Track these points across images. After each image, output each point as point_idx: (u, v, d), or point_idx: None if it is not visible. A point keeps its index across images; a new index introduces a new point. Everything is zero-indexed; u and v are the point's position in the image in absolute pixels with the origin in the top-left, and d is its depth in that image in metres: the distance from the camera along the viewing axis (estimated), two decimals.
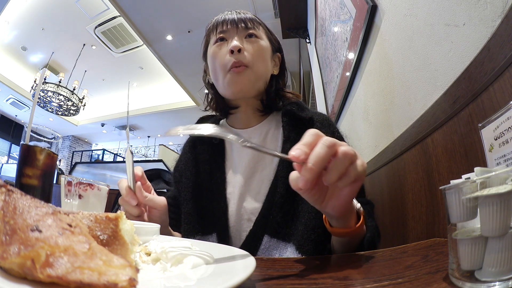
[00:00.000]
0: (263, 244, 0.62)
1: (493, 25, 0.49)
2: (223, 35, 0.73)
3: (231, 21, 0.72)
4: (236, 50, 0.68)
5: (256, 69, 0.71)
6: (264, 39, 0.75)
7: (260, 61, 0.72)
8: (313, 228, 0.58)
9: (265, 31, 0.77)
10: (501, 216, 0.23)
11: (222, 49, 0.72)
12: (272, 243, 0.62)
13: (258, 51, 0.72)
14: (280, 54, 0.82)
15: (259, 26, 0.75)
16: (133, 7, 4.82)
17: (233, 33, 0.72)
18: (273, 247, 0.61)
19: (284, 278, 0.34)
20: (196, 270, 0.29)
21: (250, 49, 0.71)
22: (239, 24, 0.72)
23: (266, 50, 0.75)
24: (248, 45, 0.71)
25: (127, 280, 0.18)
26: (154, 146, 11.16)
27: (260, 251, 0.62)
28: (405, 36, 0.82)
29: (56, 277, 0.17)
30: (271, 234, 0.62)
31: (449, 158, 0.60)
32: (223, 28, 0.72)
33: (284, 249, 0.61)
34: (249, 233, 0.64)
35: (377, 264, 0.39)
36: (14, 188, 0.23)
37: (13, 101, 8.18)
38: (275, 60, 0.80)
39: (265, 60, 0.74)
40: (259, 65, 0.72)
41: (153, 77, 7.47)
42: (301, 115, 0.71)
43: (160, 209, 0.62)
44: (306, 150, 0.35)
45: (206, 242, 0.46)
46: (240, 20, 0.72)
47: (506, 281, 0.22)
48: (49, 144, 0.65)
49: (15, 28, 5.79)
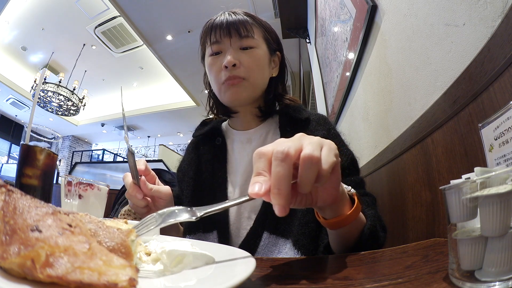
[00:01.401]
0: (262, 240, 0.63)
1: (493, 25, 0.49)
2: (217, 47, 0.71)
3: (224, 29, 0.70)
4: (230, 66, 0.68)
5: (253, 80, 0.70)
6: (260, 46, 0.73)
7: (256, 72, 0.71)
8: (307, 222, 0.59)
9: (261, 32, 0.74)
10: (501, 216, 0.23)
11: (217, 63, 0.71)
12: (272, 240, 0.63)
13: (254, 62, 0.70)
14: (279, 53, 0.80)
15: (254, 29, 0.72)
16: (133, 7, 4.82)
17: (227, 44, 0.70)
18: (272, 243, 0.63)
19: (284, 278, 0.34)
20: (196, 270, 0.29)
21: (246, 61, 0.69)
22: (232, 33, 0.69)
23: (263, 58, 0.73)
24: (244, 56, 0.70)
25: (127, 280, 0.18)
26: (154, 146, 11.16)
27: (260, 248, 0.63)
28: (405, 36, 0.82)
29: (56, 277, 0.17)
30: (271, 231, 0.63)
31: (449, 158, 0.60)
32: (216, 38, 0.70)
33: (283, 245, 0.62)
34: (249, 230, 0.65)
35: (377, 264, 0.39)
36: (14, 188, 0.23)
37: (13, 101, 8.19)
38: (275, 60, 0.79)
39: (262, 69, 0.72)
40: (256, 76, 0.71)
41: (153, 77, 7.47)
42: (297, 116, 0.71)
43: (166, 198, 0.62)
44: (264, 178, 0.32)
45: (206, 242, 0.46)
46: (233, 25, 0.69)
47: (506, 281, 0.22)
48: (49, 144, 0.65)
49: (15, 28, 5.79)
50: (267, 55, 0.75)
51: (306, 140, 0.34)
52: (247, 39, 0.70)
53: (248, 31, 0.70)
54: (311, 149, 0.32)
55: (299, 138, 0.35)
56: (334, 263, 0.46)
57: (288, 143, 0.33)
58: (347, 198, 0.44)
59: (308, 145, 0.33)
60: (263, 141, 0.75)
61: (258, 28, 0.74)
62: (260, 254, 0.62)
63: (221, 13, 0.74)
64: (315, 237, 0.58)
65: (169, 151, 7.66)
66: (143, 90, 8.08)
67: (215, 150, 0.77)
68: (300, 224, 0.60)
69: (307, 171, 0.32)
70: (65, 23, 5.65)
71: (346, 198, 0.44)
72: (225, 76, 0.69)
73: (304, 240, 0.58)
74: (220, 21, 0.71)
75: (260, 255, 0.62)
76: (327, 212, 0.43)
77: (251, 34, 0.70)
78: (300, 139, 0.34)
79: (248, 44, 0.70)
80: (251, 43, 0.71)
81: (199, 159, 0.78)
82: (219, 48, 0.71)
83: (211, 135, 0.80)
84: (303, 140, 0.34)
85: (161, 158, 5.22)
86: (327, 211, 0.42)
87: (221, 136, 0.79)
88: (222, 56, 0.71)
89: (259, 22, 0.75)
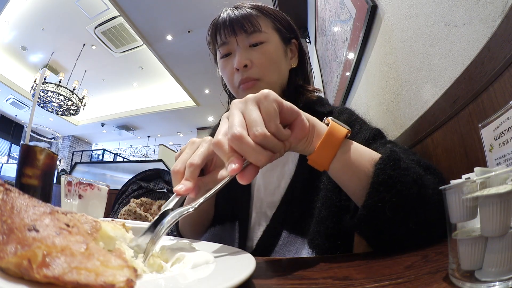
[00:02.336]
0: (281, 240, 0.60)
1: (493, 25, 0.49)
2: (225, 48, 0.67)
3: (228, 27, 0.66)
4: (241, 68, 0.64)
5: (268, 79, 0.66)
6: (270, 39, 0.67)
7: (271, 70, 0.66)
8: (322, 220, 0.55)
9: (270, 23, 0.68)
10: (501, 216, 0.23)
11: (228, 65, 0.68)
12: (291, 239, 0.59)
13: (267, 59, 0.65)
14: (296, 40, 0.73)
15: (261, 21, 0.66)
16: (133, 7, 4.82)
17: (234, 44, 0.66)
18: (291, 243, 0.59)
19: (284, 278, 0.34)
20: (196, 270, 0.29)
21: (257, 59, 0.65)
22: (237, 30, 0.65)
23: (276, 52, 0.67)
24: (254, 54, 0.65)
25: (125, 281, 0.18)
26: (154, 146, 11.15)
27: (278, 247, 0.60)
28: (405, 36, 0.82)
29: (53, 277, 0.17)
30: (289, 230, 0.60)
31: (449, 158, 0.60)
32: (222, 39, 0.67)
33: (302, 245, 0.58)
34: (267, 227, 0.62)
35: (377, 264, 0.39)
36: (12, 187, 0.23)
37: (13, 101, 8.18)
38: (292, 49, 0.73)
39: (277, 64, 0.67)
40: (271, 74, 0.66)
41: (153, 77, 7.47)
42: (320, 110, 0.67)
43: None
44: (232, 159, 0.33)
45: (206, 242, 0.45)
46: (237, 22, 0.65)
47: (506, 281, 0.22)
48: (49, 144, 0.65)
49: (15, 28, 5.79)
50: (281, 46, 0.69)
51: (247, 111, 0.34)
52: (255, 34, 0.65)
53: (254, 25, 0.65)
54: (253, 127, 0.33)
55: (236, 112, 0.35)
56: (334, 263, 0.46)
57: (231, 121, 0.34)
58: (322, 127, 0.41)
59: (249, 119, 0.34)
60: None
61: (265, 20, 0.68)
62: (277, 253, 0.59)
63: (224, 9, 0.69)
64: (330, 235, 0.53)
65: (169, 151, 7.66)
66: (143, 90, 8.08)
67: None
68: (316, 223, 0.56)
69: (266, 144, 0.33)
70: (65, 23, 5.65)
71: (321, 127, 0.41)
72: (238, 79, 0.66)
73: (319, 239, 0.54)
74: (223, 19, 0.67)
75: (277, 254, 0.59)
76: (306, 149, 0.41)
77: (257, 29, 0.65)
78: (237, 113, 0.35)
79: (257, 40, 0.65)
80: (260, 38, 0.65)
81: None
82: (228, 49, 0.67)
83: None
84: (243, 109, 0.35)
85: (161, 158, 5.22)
86: (304, 147, 0.40)
87: None
88: (232, 57, 0.67)
89: (266, 13, 0.68)
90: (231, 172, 0.32)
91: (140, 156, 11.03)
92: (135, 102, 8.58)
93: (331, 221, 0.54)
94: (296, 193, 0.62)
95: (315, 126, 0.41)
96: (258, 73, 0.65)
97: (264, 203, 0.66)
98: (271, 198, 0.65)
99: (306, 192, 0.61)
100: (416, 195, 0.38)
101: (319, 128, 0.41)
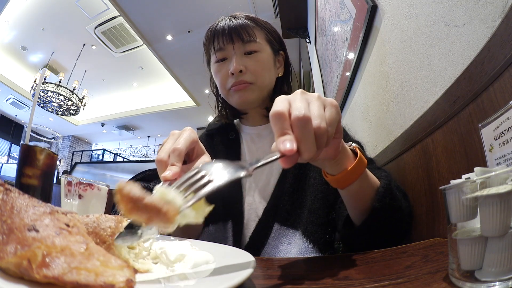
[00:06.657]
0: (273, 232, 0.65)
1: (493, 25, 0.49)
2: (221, 54, 0.73)
3: (227, 35, 0.71)
4: (236, 73, 0.69)
5: (260, 83, 0.72)
6: (263, 48, 0.73)
7: (263, 76, 0.72)
8: (315, 210, 0.62)
9: (264, 34, 0.75)
10: (501, 216, 0.23)
11: (222, 69, 0.73)
12: (282, 231, 0.65)
13: (260, 67, 0.71)
14: (283, 52, 0.81)
15: (256, 32, 0.73)
16: (133, 7, 4.82)
17: (231, 51, 0.71)
18: (283, 234, 0.64)
19: (284, 278, 0.34)
20: (196, 270, 0.29)
21: (251, 66, 0.71)
22: (234, 39, 0.70)
23: (268, 61, 0.74)
24: (249, 61, 0.71)
25: (124, 281, 0.18)
26: (154, 146, 11.15)
27: (270, 239, 0.64)
28: (405, 36, 0.82)
29: (52, 277, 0.17)
30: (281, 222, 0.65)
31: (449, 158, 0.60)
32: (219, 45, 0.72)
33: (293, 236, 0.63)
34: (259, 221, 0.67)
35: (377, 264, 0.39)
36: (12, 187, 0.23)
37: (13, 101, 8.18)
38: (279, 59, 0.80)
39: (268, 71, 0.74)
40: (263, 80, 0.72)
41: (153, 77, 7.47)
42: None
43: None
44: (291, 137, 0.31)
45: (206, 242, 0.45)
46: (235, 31, 0.70)
47: (506, 281, 0.22)
48: (49, 144, 0.65)
49: (15, 28, 5.79)
50: (272, 56, 0.76)
51: (313, 104, 0.34)
52: (250, 43, 0.71)
53: (250, 35, 0.71)
54: (319, 119, 0.32)
55: (304, 98, 0.34)
56: (334, 263, 0.46)
57: (299, 103, 0.33)
58: (349, 152, 0.45)
59: (315, 111, 0.33)
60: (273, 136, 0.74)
61: (260, 31, 0.75)
62: (270, 245, 0.64)
63: (221, 18, 0.75)
64: (323, 224, 0.61)
65: None
66: (143, 90, 8.07)
67: (229, 142, 0.80)
68: (309, 213, 0.63)
69: (319, 140, 0.32)
70: (65, 23, 5.64)
71: (349, 152, 0.45)
72: (231, 82, 0.71)
73: (312, 228, 0.61)
74: (221, 27, 0.72)
75: (270, 246, 0.64)
76: (332, 168, 0.44)
77: (253, 38, 0.71)
78: (305, 100, 0.34)
79: (252, 49, 0.72)
80: (255, 47, 0.72)
81: (213, 149, 0.80)
82: (224, 54, 0.73)
83: (224, 130, 0.83)
84: (309, 100, 0.34)
85: None
86: (331, 166, 0.43)
87: (234, 131, 0.81)
88: (227, 62, 0.72)
89: (260, 24, 0.75)
90: (287, 152, 0.30)
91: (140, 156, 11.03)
92: (135, 102, 8.58)
93: (323, 211, 0.62)
94: (286, 187, 0.67)
95: (346, 150, 0.44)
96: (251, 78, 0.71)
97: (256, 200, 0.70)
98: (262, 195, 0.70)
99: (295, 186, 0.67)
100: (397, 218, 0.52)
101: (348, 153, 0.45)
